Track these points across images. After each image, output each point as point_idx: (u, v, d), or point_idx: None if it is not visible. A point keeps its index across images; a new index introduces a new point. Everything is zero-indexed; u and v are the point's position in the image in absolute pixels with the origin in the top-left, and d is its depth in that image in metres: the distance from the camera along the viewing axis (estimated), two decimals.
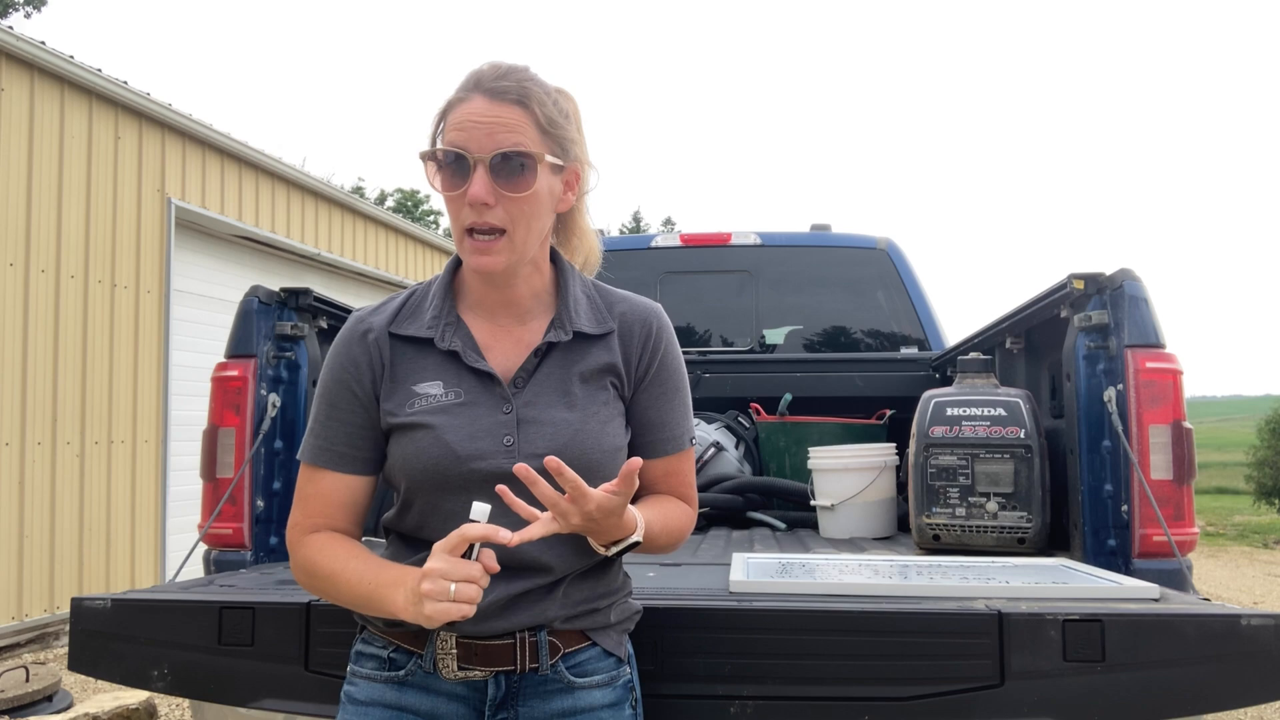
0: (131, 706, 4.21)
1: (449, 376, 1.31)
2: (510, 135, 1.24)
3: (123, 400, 6.79)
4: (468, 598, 1.11)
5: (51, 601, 6.10)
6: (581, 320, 1.35)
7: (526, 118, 1.26)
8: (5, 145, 5.93)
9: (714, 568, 2.18)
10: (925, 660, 1.55)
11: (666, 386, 1.39)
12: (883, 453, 2.94)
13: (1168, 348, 2.17)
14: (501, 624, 1.28)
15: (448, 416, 1.28)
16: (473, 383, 1.31)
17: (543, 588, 1.30)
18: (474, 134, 1.24)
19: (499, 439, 1.28)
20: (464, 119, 1.25)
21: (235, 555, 2.40)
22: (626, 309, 1.40)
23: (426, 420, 1.28)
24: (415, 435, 1.28)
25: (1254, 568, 10.13)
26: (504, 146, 1.23)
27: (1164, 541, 2.02)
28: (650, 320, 1.39)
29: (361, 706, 1.32)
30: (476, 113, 1.25)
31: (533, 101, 1.27)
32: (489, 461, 1.26)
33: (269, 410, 2.45)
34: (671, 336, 1.42)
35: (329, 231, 9.70)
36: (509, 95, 1.25)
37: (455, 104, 1.28)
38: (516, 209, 1.25)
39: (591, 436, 1.30)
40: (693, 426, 1.43)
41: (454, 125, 1.26)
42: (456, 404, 1.29)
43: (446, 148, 1.26)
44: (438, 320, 1.33)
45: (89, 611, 1.69)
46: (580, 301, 1.37)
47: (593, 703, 1.32)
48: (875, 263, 4.33)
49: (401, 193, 37.00)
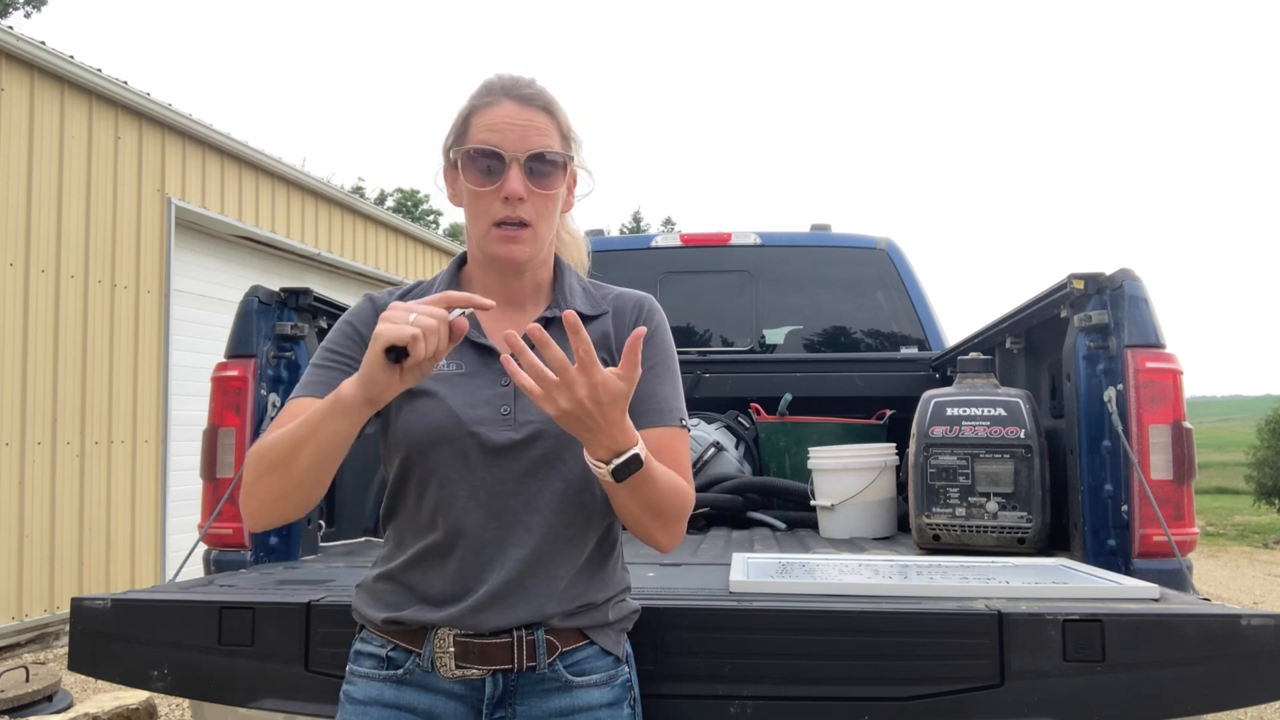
0: (131, 706, 4.21)
1: (451, 351, 1.34)
2: (542, 138, 1.35)
3: (123, 400, 6.79)
4: (426, 326, 1.10)
5: (51, 601, 6.10)
6: (577, 303, 1.42)
7: (553, 124, 1.37)
8: (5, 145, 5.93)
9: (714, 568, 2.18)
10: (925, 660, 1.54)
11: (656, 362, 1.41)
12: (883, 453, 2.94)
13: (1168, 348, 2.17)
14: (500, 618, 1.28)
15: (449, 385, 1.33)
16: (473, 356, 1.36)
17: (541, 580, 1.30)
18: (509, 135, 1.33)
19: (496, 408, 1.32)
20: (497, 121, 1.34)
21: (235, 555, 2.40)
22: (619, 295, 1.48)
23: (429, 387, 1.33)
24: (418, 403, 1.32)
25: (1254, 568, 10.13)
26: (537, 148, 1.34)
27: (1164, 541, 2.02)
28: (643, 302, 1.47)
29: (360, 705, 1.32)
30: (509, 116, 1.34)
31: (557, 110, 1.39)
32: (486, 428, 1.31)
33: (269, 410, 2.45)
34: (663, 320, 1.47)
35: (329, 231, 9.70)
36: (537, 102, 1.36)
37: (482, 108, 1.36)
38: (543, 205, 1.35)
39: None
40: (684, 409, 1.44)
41: (486, 126, 1.34)
42: (458, 374, 1.34)
43: (483, 145, 1.33)
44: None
45: (89, 611, 1.69)
46: (576, 290, 1.46)
47: (590, 702, 1.33)
48: (875, 263, 4.33)
49: (401, 193, 37.02)
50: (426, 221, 32.56)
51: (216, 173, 7.90)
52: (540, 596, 1.30)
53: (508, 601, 1.28)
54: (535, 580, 1.30)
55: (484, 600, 1.27)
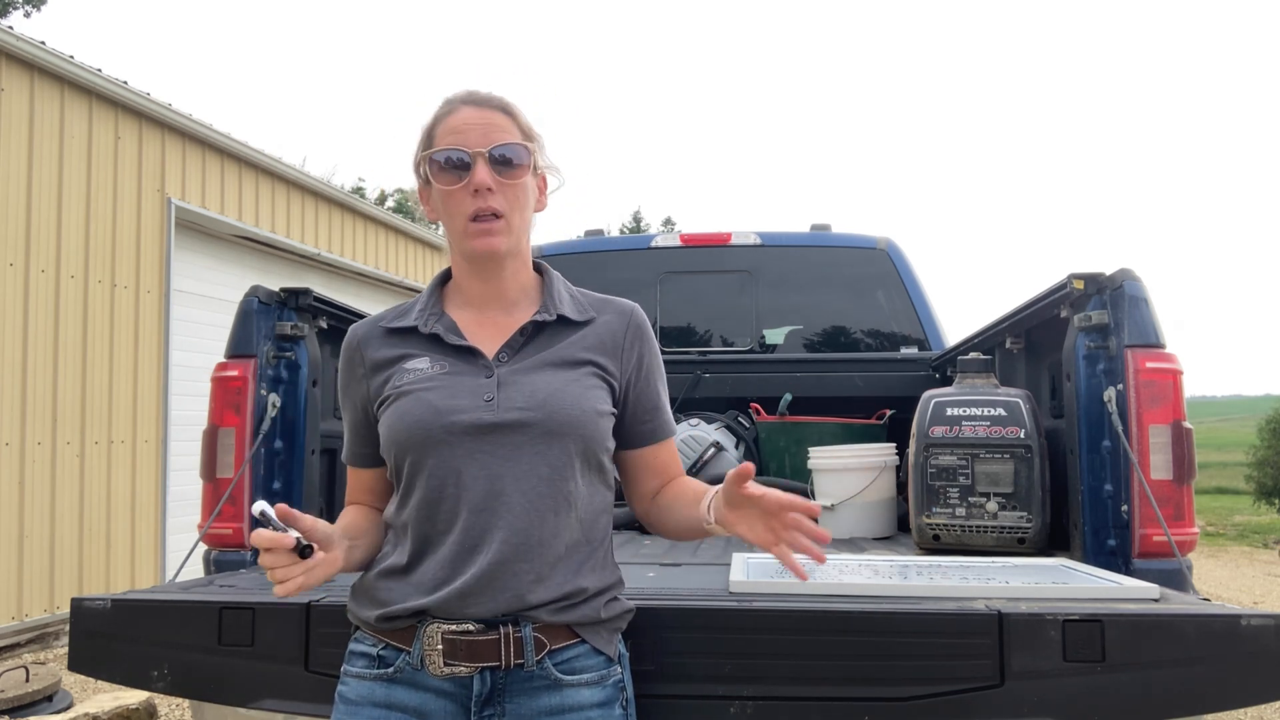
0: (131, 706, 4.21)
1: (434, 355, 1.42)
2: (502, 134, 1.41)
3: (123, 400, 6.79)
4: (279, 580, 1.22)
5: (51, 601, 6.10)
6: (564, 308, 1.46)
7: (512, 123, 1.43)
8: (5, 145, 5.93)
9: (714, 568, 2.18)
10: (925, 660, 1.54)
11: (654, 374, 1.51)
12: (883, 453, 2.94)
13: (1168, 348, 2.16)
14: (489, 602, 1.30)
15: (431, 384, 1.38)
16: (455, 358, 1.41)
17: (527, 564, 1.31)
18: (470, 134, 1.39)
19: (479, 397, 1.36)
20: (458, 124, 1.40)
21: (235, 555, 2.40)
22: (606, 302, 1.52)
23: (412, 389, 1.38)
24: (400, 404, 1.37)
25: (1254, 568, 10.13)
26: (498, 141, 1.40)
27: (1164, 541, 2.02)
28: (633, 312, 1.51)
29: (352, 705, 1.34)
30: (469, 118, 1.41)
31: (514, 111, 1.45)
32: (468, 414, 1.34)
33: (269, 410, 2.45)
34: (651, 329, 1.53)
35: (329, 231, 9.70)
36: (494, 103, 1.44)
37: (443, 117, 1.43)
38: (513, 195, 1.40)
39: (571, 396, 1.37)
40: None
41: (448, 130, 1.41)
42: (441, 374, 1.39)
43: (448, 148, 1.39)
44: (423, 313, 1.46)
45: (89, 612, 1.69)
46: (563, 295, 1.49)
47: (581, 701, 1.33)
48: (875, 263, 4.32)
49: (401, 193, 36.96)
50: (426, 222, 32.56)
51: (216, 173, 7.90)
52: (527, 581, 1.31)
53: (495, 585, 1.30)
54: (522, 565, 1.31)
55: (471, 583, 1.29)
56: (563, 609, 1.33)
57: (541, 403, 1.34)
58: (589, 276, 3.68)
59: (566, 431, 1.34)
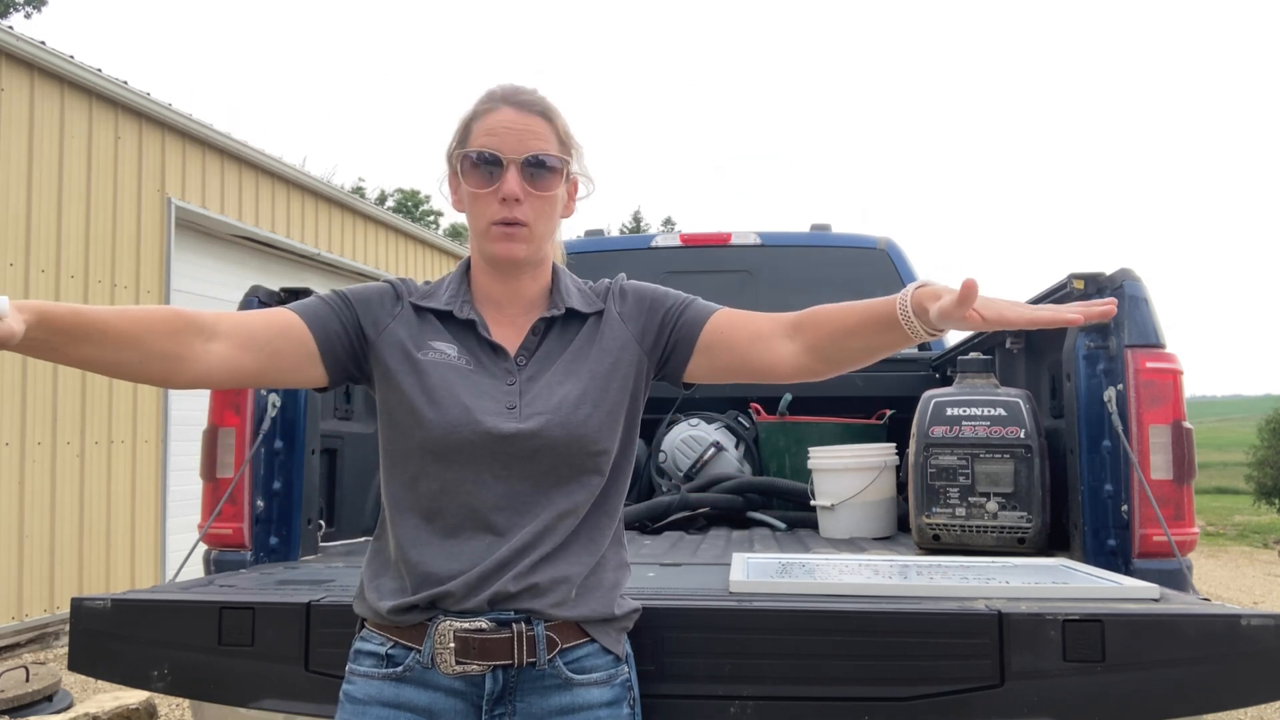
0: (131, 706, 4.21)
1: (461, 345, 1.42)
2: (539, 142, 1.39)
3: (123, 400, 6.79)
4: None
5: (51, 601, 6.10)
6: (573, 300, 1.47)
7: (550, 130, 1.41)
8: (5, 145, 5.93)
9: (714, 568, 2.18)
10: (925, 660, 1.54)
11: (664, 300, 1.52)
12: (883, 453, 2.94)
13: (1168, 348, 2.16)
14: (493, 590, 1.30)
15: (458, 375, 1.38)
16: (481, 354, 1.41)
17: (545, 561, 1.33)
18: (507, 139, 1.38)
19: (502, 403, 1.37)
20: (496, 125, 1.39)
21: (235, 555, 2.40)
22: (603, 289, 1.53)
23: (441, 370, 1.38)
24: (428, 382, 1.36)
25: (1254, 568, 10.13)
26: (534, 151, 1.38)
27: (1164, 541, 2.02)
28: (613, 284, 1.53)
29: (359, 704, 1.33)
30: (508, 121, 1.39)
31: (555, 117, 1.43)
32: (492, 418, 1.34)
33: (269, 410, 2.45)
34: (638, 284, 1.55)
35: (329, 231, 9.70)
36: (535, 108, 1.41)
37: (482, 113, 1.41)
38: (540, 206, 1.39)
39: (590, 404, 1.38)
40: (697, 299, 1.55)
41: (485, 131, 1.39)
42: (467, 368, 1.39)
43: (482, 149, 1.38)
44: (455, 299, 1.45)
45: (89, 611, 1.69)
46: (571, 290, 1.50)
47: (590, 700, 1.33)
48: (875, 262, 4.32)
49: (401, 193, 37.02)
50: (427, 222, 32.55)
51: (216, 173, 7.90)
52: (543, 575, 1.32)
53: (512, 577, 1.30)
54: (541, 562, 1.32)
55: (490, 569, 1.30)
56: (577, 602, 1.34)
57: (564, 417, 1.35)
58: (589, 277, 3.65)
59: (585, 445, 1.36)
